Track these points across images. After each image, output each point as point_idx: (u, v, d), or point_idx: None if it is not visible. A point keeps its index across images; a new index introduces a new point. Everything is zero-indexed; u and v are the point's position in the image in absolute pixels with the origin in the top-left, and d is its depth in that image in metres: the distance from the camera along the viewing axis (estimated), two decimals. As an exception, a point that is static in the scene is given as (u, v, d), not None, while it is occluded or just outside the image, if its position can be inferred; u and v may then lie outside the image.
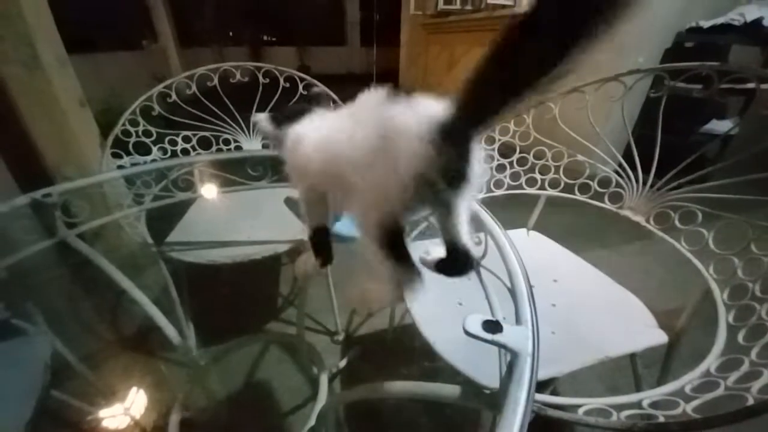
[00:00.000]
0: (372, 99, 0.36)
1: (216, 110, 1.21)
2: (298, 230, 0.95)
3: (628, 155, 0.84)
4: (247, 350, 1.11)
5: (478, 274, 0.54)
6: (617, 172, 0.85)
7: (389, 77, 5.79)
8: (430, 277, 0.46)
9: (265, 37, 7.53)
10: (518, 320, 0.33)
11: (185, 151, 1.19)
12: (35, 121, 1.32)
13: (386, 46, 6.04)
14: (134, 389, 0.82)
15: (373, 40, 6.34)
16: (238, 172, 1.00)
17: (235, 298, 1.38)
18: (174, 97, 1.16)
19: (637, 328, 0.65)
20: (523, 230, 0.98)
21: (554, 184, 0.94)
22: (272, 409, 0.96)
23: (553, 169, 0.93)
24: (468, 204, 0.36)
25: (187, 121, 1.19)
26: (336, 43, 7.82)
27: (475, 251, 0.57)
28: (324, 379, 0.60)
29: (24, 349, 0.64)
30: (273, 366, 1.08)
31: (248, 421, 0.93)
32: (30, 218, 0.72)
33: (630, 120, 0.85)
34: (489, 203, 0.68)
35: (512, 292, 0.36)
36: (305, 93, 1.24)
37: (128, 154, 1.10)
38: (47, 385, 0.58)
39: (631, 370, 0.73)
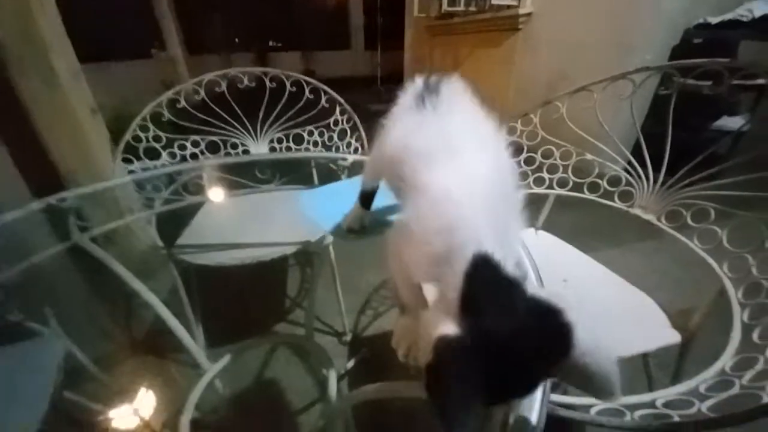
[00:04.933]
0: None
1: (224, 115, 1.23)
2: (306, 233, 0.96)
3: (637, 154, 0.83)
4: (255, 352, 1.12)
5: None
6: (627, 170, 0.84)
7: (394, 80, 5.82)
8: None
9: (270, 43, 7.62)
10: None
11: (194, 156, 1.20)
12: (50, 130, 1.36)
13: (390, 49, 6.09)
14: (144, 390, 0.82)
15: (377, 44, 6.39)
16: (246, 176, 1.01)
17: (244, 300, 1.40)
18: (183, 102, 1.18)
19: (649, 328, 0.64)
20: (531, 230, 0.97)
21: (563, 183, 0.93)
22: (281, 409, 0.96)
23: (561, 168, 0.92)
24: None
25: (195, 126, 1.21)
26: (340, 48, 7.89)
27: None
28: (333, 379, 0.60)
29: (38, 350, 0.65)
30: (282, 367, 1.09)
31: (257, 421, 0.94)
32: (44, 223, 0.74)
33: (639, 118, 0.84)
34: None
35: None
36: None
37: (139, 159, 1.12)
38: (60, 386, 0.59)
39: (643, 370, 0.72)
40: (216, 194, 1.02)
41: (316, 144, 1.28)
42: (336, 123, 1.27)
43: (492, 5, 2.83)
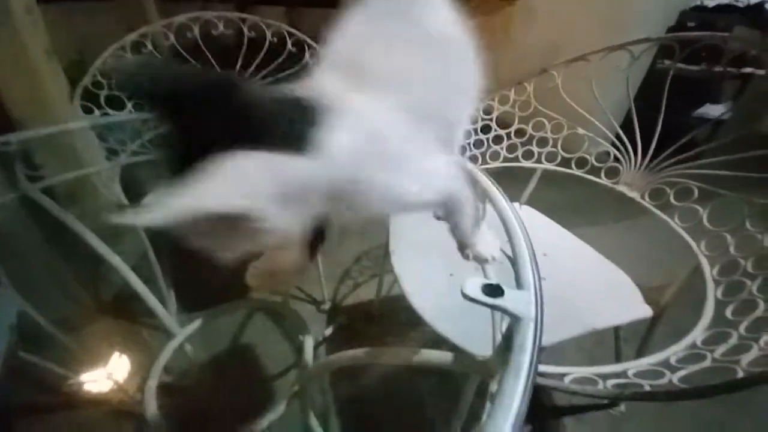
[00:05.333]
0: None
1: (196, 65, 1.12)
2: None
3: (627, 130, 0.82)
4: (230, 318, 1.09)
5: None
6: (615, 146, 0.83)
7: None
8: (419, 248, 0.44)
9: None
10: (519, 286, 0.31)
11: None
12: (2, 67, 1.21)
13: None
14: (111, 353, 0.79)
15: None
16: None
17: (218, 265, 1.35)
18: (150, 47, 1.06)
19: (623, 302, 0.66)
20: (516, 204, 0.97)
21: (551, 157, 0.91)
22: (255, 375, 0.96)
23: (551, 142, 0.90)
24: None
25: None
26: (327, 5, 7.40)
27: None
28: (309, 345, 0.59)
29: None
30: (257, 333, 1.07)
31: (231, 386, 0.93)
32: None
33: (631, 95, 0.82)
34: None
35: (513, 256, 0.34)
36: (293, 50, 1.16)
37: (99, 108, 1.01)
38: (13, 347, 0.55)
39: (612, 343, 0.75)
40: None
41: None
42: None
43: (490, -31, 2.68)
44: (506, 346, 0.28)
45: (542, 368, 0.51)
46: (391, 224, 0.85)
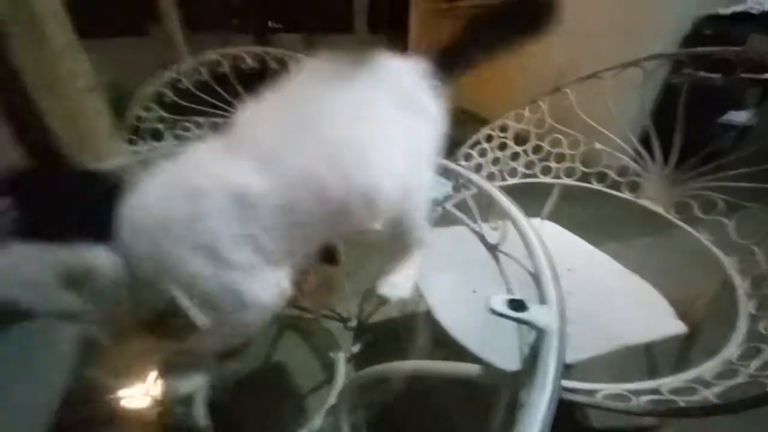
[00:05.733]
0: None
1: (226, 96, 1.20)
2: None
3: (646, 144, 0.83)
4: (261, 335, 1.13)
5: (496, 259, 0.54)
6: (635, 160, 0.84)
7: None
8: (442, 265, 0.47)
9: (270, 24, 7.45)
10: (542, 300, 0.33)
11: (198, 137, 1.19)
12: (48, 104, 1.33)
13: (395, 32, 5.96)
14: (151, 368, 0.83)
15: (380, 27, 6.25)
16: None
17: None
18: (185, 83, 1.15)
19: (655, 318, 0.65)
20: (537, 220, 0.97)
21: (570, 173, 0.92)
22: (288, 391, 0.98)
23: (568, 158, 0.91)
24: None
25: (195, 106, 1.18)
26: (343, 31, 7.72)
27: (493, 237, 0.57)
28: (342, 360, 0.62)
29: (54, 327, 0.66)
30: (288, 350, 1.10)
31: (264, 402, 0.95)
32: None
33: (648, 108, 0.83)
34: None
35: (534, 273, 0.36)
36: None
37: (143, 140, 1.10)
38: (77, 362, 0.59)
39: (641, 358, 0.74)
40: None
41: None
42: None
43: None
44: (532, 358, 0.29)
45: (572, 384, 0.51)
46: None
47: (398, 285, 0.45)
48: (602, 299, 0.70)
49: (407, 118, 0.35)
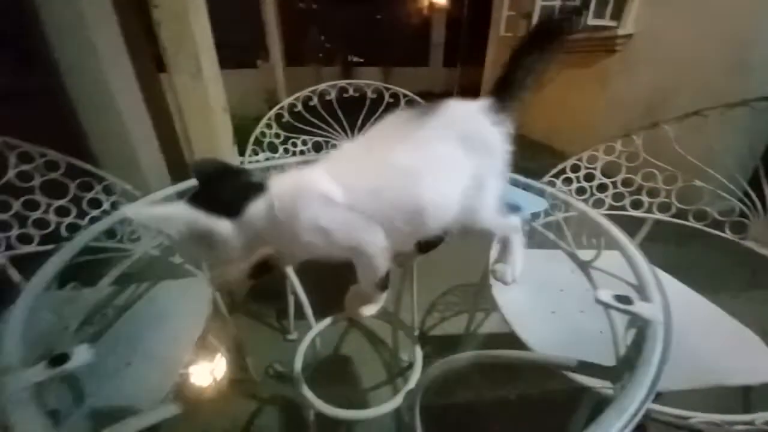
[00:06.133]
0: None
1: (329, 119, 1.40)
2: None
3: (754, 186, 0.78)
4: (331, 329, 1.25)
5: (588, 275, 0.57)
6: (743, 201, 0.80)
7: (470, 96, 5.84)
8: (519, 283, 0.52)
9: (352, 59, 8.19)
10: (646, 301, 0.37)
11: (302, 152, 1.40)
12: (192, 121, 1.67)
13: (470, 66, 6.15)
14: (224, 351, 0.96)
15: (456, 61, 6.49)
16: None
17: (328, 282, 1.56)
18: (299, 107, 1.38)
19: (753, 362, 0.61)
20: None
21: (664, 208, 0.90)
22: (358, 386, 1.06)
23: (663, 193, 0.90)
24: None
25: (302, 126, 1.40)
26: (419, 64, 8.16)
27: (586, 254, 0.60)
28: (419, 351, 0.68)
29: (194, 285, 0.84)
30: (353, 346, 1.20)
31: (336, 395, 1.05)
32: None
33: (758, 148, 0.80)
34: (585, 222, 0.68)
35: (636, 279, 0.39)
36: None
37: (262, 151, 1.34)
38: (209, 318, 0.75)
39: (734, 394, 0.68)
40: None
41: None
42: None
43: (587, 26, 2.75)
44: (635, 352, 0.33)
45: (666, 409, 0.51)
46: (490, 260, 0.93)
47: (504, 271, 0.53)
48: (697, 335, 0.67)
49: (466, 151, 0.43)
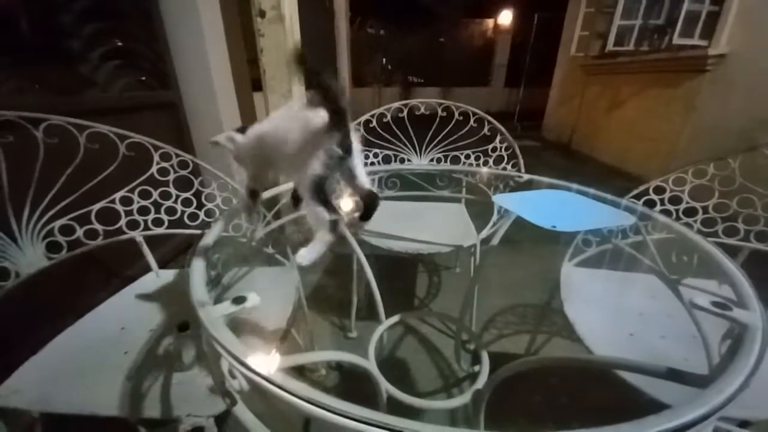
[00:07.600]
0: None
1: (399, 134, 1.50)
2: (455, 238, 1.12)
3: None
4: (395, 330, 1.30)
5: (676, 292, 0.57)
6: None
7: (531, 117, 5.72)
8: (592, 303, 0.53)
9: (412, 79, 8.47)
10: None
11: (372, 163, 1.51)
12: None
13: (533, 86, 6.03)
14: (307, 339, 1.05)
15: (518, 82, 6.42)
16: (431, 183, 1.26)
17: (395, 283, 1.65)
18: (374, 123, 1.50)
19: None
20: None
21: (762, 238, 0.83)
22: (413, 386, 1.10)
23: (763, 221, 0.83)
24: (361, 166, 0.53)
25: (375, 140, 1.51)
26: (479, 84, 8.19)
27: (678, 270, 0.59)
28: (486, 356, 0.70)
29: (283, 273, 0.95)
30: (410, 348, 1.24)
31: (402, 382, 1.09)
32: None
33: None
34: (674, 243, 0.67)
35: (733, 288, 0.40)
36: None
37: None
38: (299, 298, 0.85)
39: None
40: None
41: (471, 166, 1.44)
42: (494, 149, 1.41)
43: (672, 45, 2.59)
44: (730, 354, 0.34)
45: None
46: (561, 277, 0.92)
47: (305, 256, 0.53)
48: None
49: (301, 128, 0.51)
